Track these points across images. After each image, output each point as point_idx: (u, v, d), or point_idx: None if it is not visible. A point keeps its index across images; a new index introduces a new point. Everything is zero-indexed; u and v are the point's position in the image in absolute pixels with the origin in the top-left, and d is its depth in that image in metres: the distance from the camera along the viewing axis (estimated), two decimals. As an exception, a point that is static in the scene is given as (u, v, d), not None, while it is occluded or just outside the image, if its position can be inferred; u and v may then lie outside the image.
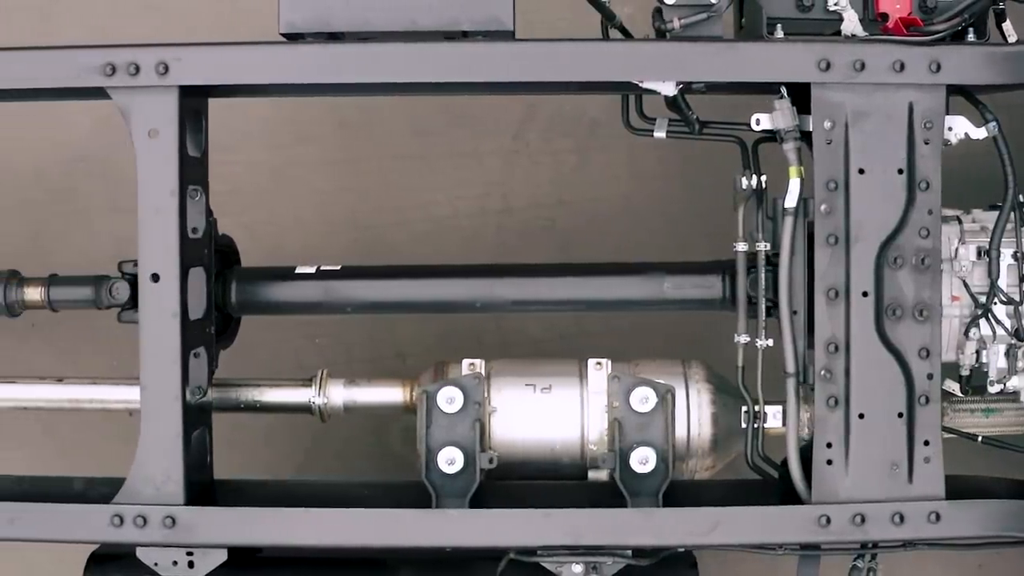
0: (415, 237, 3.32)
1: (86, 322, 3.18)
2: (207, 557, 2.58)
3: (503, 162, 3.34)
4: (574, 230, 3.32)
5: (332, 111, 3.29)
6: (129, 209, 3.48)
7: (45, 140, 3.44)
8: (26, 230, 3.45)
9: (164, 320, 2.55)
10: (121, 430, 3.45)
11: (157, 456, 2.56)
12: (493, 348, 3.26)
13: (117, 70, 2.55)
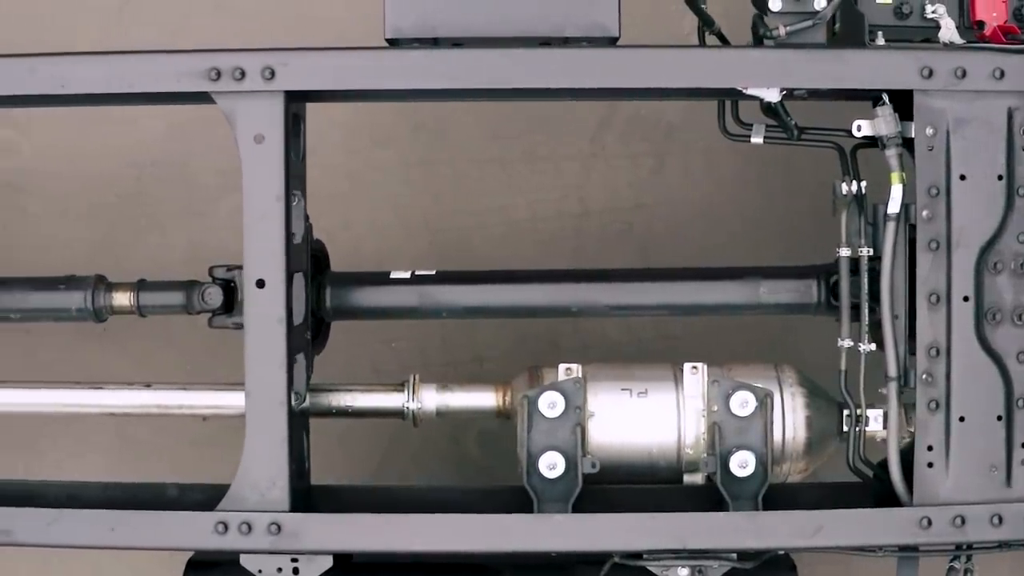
0: (492, 241, 3.33)
1: (157, 327, 3.20)
2: (312, 564, 2.57)
3: (580, 166, 3.35)
4: (651, 234, 3.33)
5: (408, 115, 3.29)
6: (201, 213, 3.52)
7: (117, 145, 3.42)
8: (98, 235, 3.45)
9: (270, 326, 2.55)
10: (195, 434, 3.49)
11: (262, 463, 2.56)
12: (571, 352, 3.27)
13: (222, 75, 2.55)
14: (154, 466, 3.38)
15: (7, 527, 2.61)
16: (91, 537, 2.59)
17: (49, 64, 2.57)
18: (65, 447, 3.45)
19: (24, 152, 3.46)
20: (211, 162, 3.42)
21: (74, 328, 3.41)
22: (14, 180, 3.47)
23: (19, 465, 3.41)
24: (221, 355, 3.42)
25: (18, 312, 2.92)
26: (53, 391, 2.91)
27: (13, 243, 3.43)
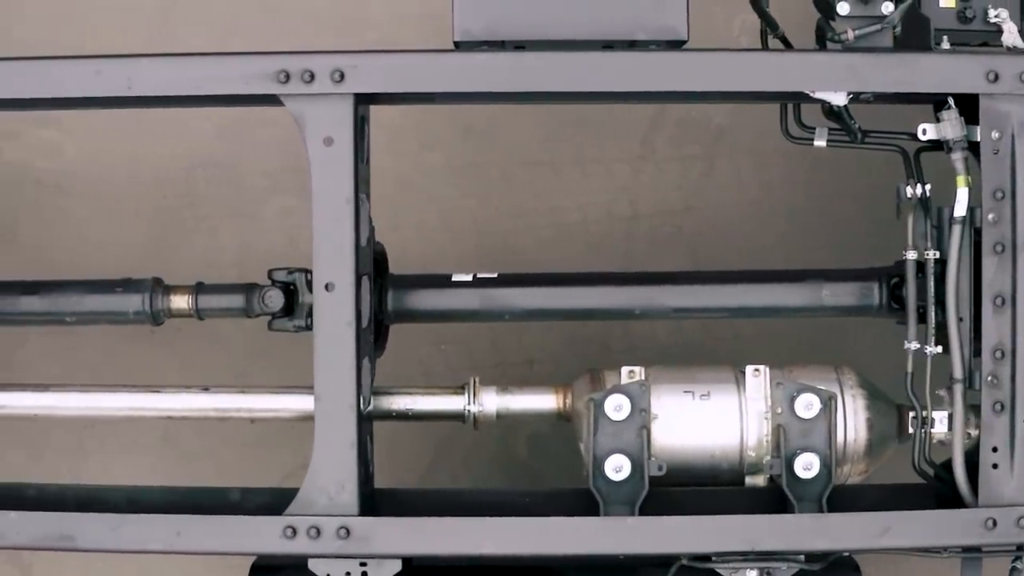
0: (542, 243, 3.32)
1: (204, 328, 3.18)
2: (381, 568, 2.56)
3: (630, 168, 3.35)
4: (701, 236, 3.33)
5: (457, 117, 3.28)
6: (250, 215, 3.50)
7: (165, 146, 3.41)
8: (145, 237, 3.42)
9: (339, 329, 2.54)
10: (242, 437, 3.47)
11: (331, 466, 2.55)
12: (622, 354, 3.28)
13: (291, 77, 2.53)
14: (201, 469, 3.37)
15: (69, 533, 2.59)
16: (157, 542, 2.57)
17: (116, 66, 2.55)
18: (111, 450, 3.42)
19: (69, 154, 3.44)
20: (260, 163, 3.41)
21: (118, 329, 3.42)
22: (59, 182, 3.45)
23: (64, 468, 3.40)
24: (270, 357, 3.45)
25: (73, 315, 2.90)
26: (110, 395, 2.89)
27: (59, 245, 3.40)
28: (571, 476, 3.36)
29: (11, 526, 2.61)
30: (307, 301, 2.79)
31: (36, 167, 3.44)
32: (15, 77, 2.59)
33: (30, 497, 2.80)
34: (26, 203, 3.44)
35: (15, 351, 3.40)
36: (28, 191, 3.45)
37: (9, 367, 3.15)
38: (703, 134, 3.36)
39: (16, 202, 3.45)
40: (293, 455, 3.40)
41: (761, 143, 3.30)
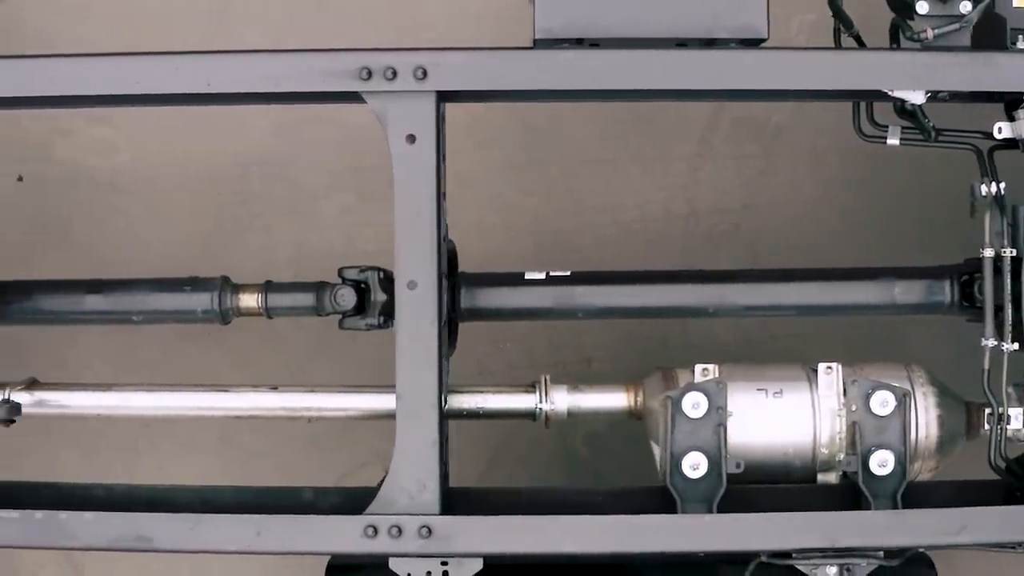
0: (600, 241, 3.33)
1: (261, 327, 3.17)
2: (462, 567, 2.56)
3: (688, 166, 3.36)
4: (758, 235, 3.34)
5: (516, 115, 3.28)
6: (306, 213, 3.49)
7: (221, 144, 3.40)
8: (200, 235, 3.41)
9: (422, 328, 2.53)
10: (299, 437, 3.45)
11: (412, 465, 2.54)
12: (680, 352, 3.29)
13: (373, 74, 2.53)
14: (257, 469, 3.36)
15: (146, 534, 2.58)
16: (235, 542, 2.56)
17: (195, 62, 2.54)
18: (166, 450, 3.42)
19: (123, 152, 3.43)
20: (316, 161, 3.41)
21: (172, 328, 3.40)
22: (113, 180, 3.44)
23: (117, 468, 3.38)
24: (328, 356, 3.45)
25: (140, 314, 2.89)
26: (177, 394, 2.87)
27: (112, 244, 3.39)
28: (630, 475, 3.39)
29: (86, 527, 2.60)
30: (379, 299, 2.79)
31: (90, 165, 3.43)
32: (94, 74, 2.57)
33: (99, 497, 2.78)
34: (79, 202, 3.43)
35: (68, 351, 3.39)
36: (81, 190, 3.44)
37: (63, 367, 3.12)
38: (761, 133, 3.37)
39: (69, 201, 3.43)
40: (350, 456, 3.43)
41: (818, 142, 3.32)
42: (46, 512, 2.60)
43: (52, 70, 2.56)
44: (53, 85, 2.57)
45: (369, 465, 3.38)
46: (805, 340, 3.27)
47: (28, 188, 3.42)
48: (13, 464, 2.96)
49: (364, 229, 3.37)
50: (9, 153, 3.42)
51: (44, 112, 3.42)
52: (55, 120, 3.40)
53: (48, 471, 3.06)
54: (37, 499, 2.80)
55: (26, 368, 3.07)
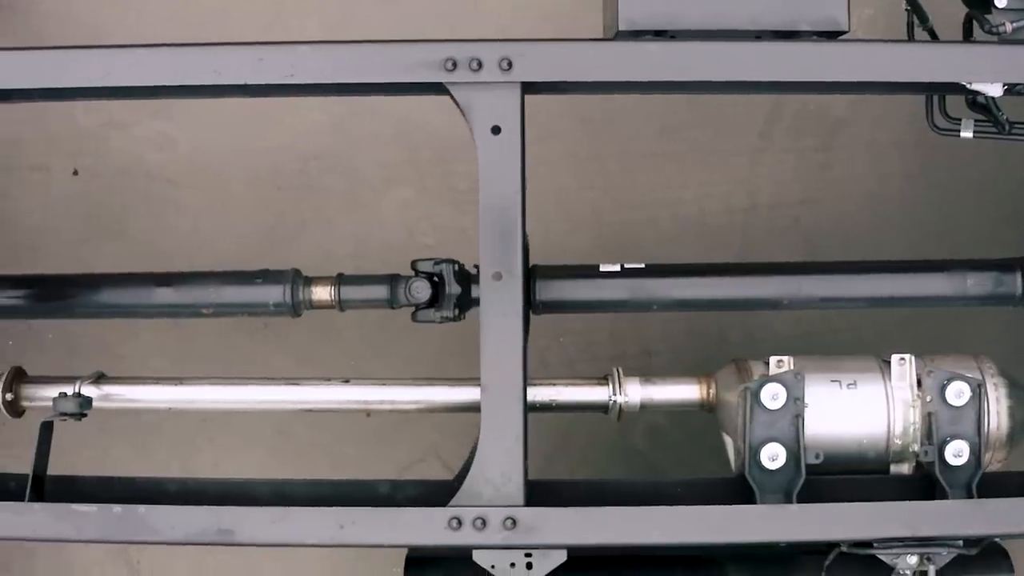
0: (661, 235, 3.33)
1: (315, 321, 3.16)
2: (546, 558, 2.54)
3: (748, 160, 3.36)
4: (818, 228, 3.34)
5: (575, 108, 3.28)
6: (366, 206, 3.47)
7: (279, 138, 3.38)
8: (259, 229, 3.40)
9: (508, 319, 2.52)
10: (357, 431, 3.42)
11: (497, 457, 2.53)
12: (739, 346, 3.29)
13: (458, 65, 2.52)
14: (314, 464, 3.33)
15: (228, 527, 2.54)
16: (319, 535, 2.54)
17: (278, 53, 2.52)
18: (223, 444, 3.39)
19: (182, 146, 3.41)
20: (376, 155, 3.39)
21: (230, 322, 3.38)
22: (172, 175, 3.41)
23: (174, 463, 3.35)
24: (384, 351, 3.44)
25: (211, 306, 2.87)
26: (249, 387, 2.85)
27: (169, 238, 3.37)
28: (689, 467, 3.41)
29: (166, 521, 2.57)
30: (454, 292, 2.79)
31: (147, 159, 3.41)
32: (176, 64, 2.54)
33: (172, 492, 2.75)
34: (136, 196, 3.40)
35: (126, 344, 3.36)
36: (138, 183, 3.41)
37: (120, 361, 3.09)
38: (821, 126, 3.38)
39: (125, 195, 3.41)
40: (407, 451, 3.42)
41: (878, 135, 3.33)
42: (125, 506, 2.58)
43: (138, 60, 2.53)
44: (137, 76, 2.54)
45: (426, 460, 3.38)
46: (862, 334, 3.29)
47: (84, 182, 3.40)
48: (66, 462, 2.93)
49: (423, 223, 3.36)
50: (64, 147, 3.40)
51: (99, 106, 3.42)
52: (110, 114, 3.38)
53: (100, 469, 3.03)
54: (108, 493, 2.78)
55: (80, 366, 3.08)
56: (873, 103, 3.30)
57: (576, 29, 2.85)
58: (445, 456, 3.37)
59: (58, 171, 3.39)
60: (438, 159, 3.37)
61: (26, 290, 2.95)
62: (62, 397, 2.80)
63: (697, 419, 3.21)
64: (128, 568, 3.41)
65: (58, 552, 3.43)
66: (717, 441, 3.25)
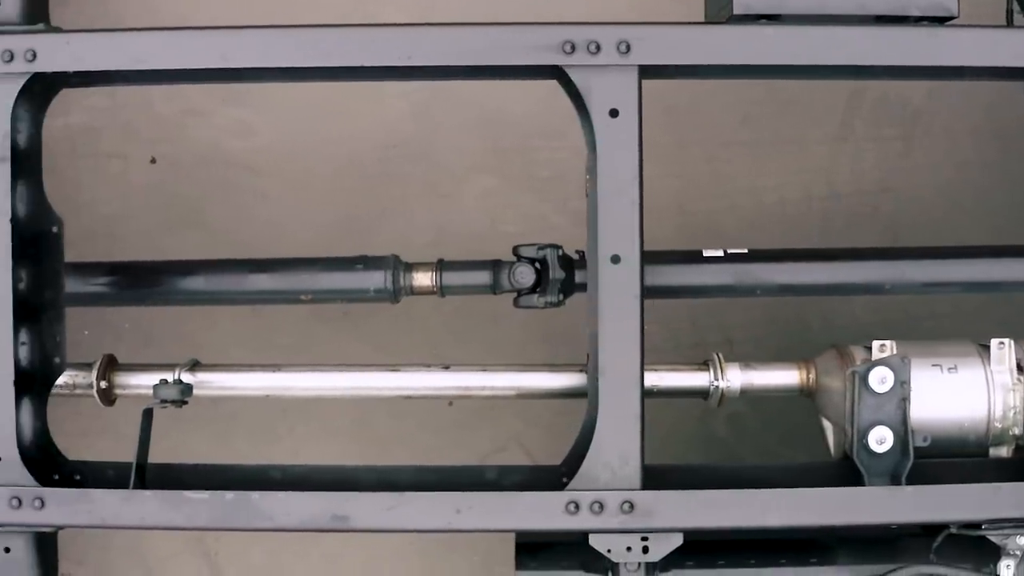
0: (742, 223, 3.32)
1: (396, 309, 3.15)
2: (662, 542, 2.55)
3: (828, 149, 3.37)
4: (898, 217, 3.35)
5: (657, 96, 3.26)
6: (447, 195, 3.46)
7: (359, 126, 3.35)
8: (338, 217, 3.37)
9: (626, 302, 2.53)
10: (438, 420, 3.40)
11: (614, 441, 2.53)
12: (821, 333, 3.29)
13: (576, 48, 2.52)
14: (394, 453, 3.30)
15: (343, 513, 2.54)
16: (435, 521, 2.54)
17: (395, 35, 2.52)
18: (302, 434, 3.36)
19: (261, 134, 3.37)
20: (457, 143, 3.37)
21: (309, 310, 3.38)
22: (251, 162, 3.37)
23: (251, 454, 3.30)
24: (465, 338, 3.42)
25: (309, 293, 2.86)
26: (348, 374, 2.84)
27: (250, 226, 3.33)
28: (769, 455, 3.41)
29: (280, 507, 2.56)
30: (558, 277, 2.79)
31: (225, 147, 3.37)
32: (290, 47, 2.53)
33: (277, 479, 2.72)
34: (214, 184, 3.36)
35: (204, 334, 3.32)
36: (216, 171, 3.38)
37: (199, 351, 3.05)
38: (900, 115, 3.39)
39: (204, 183, 3.37)
40: (489, 439, 3.40)
41: (956, 124, 3.34)
42: (237, 493, 2.56)
43: (251, 42, 2.52)
44: (251, 57, 2.53)
45: (508, 449, 3.36)
46: (942, 321, 3.30)
47: (161, 170, 3.36)
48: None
49: (506, 211, 3.35)
50: (142, 135, 3.35)
51: (177, 94, 3.38)
52: (188, 101, 3.34)
53: (178, 459, 3.00)
54: (209, 481, 2.75)
55: (156, 355, 3.05)
56: (951, 93, 3.32)
57: (659, 12, 2.88)
58: (527, 445, 3.36)
59: (136, 159, 3.35)
60: (520, 147, 3.36)
61: (118, 277, 2.92)
62: (163, 384, 2.78)
63: (774, 406, 3.25)
64: (206, 560, 3.38)
65: (134, 544, 3.39)
66: (795, 428, 3.29)
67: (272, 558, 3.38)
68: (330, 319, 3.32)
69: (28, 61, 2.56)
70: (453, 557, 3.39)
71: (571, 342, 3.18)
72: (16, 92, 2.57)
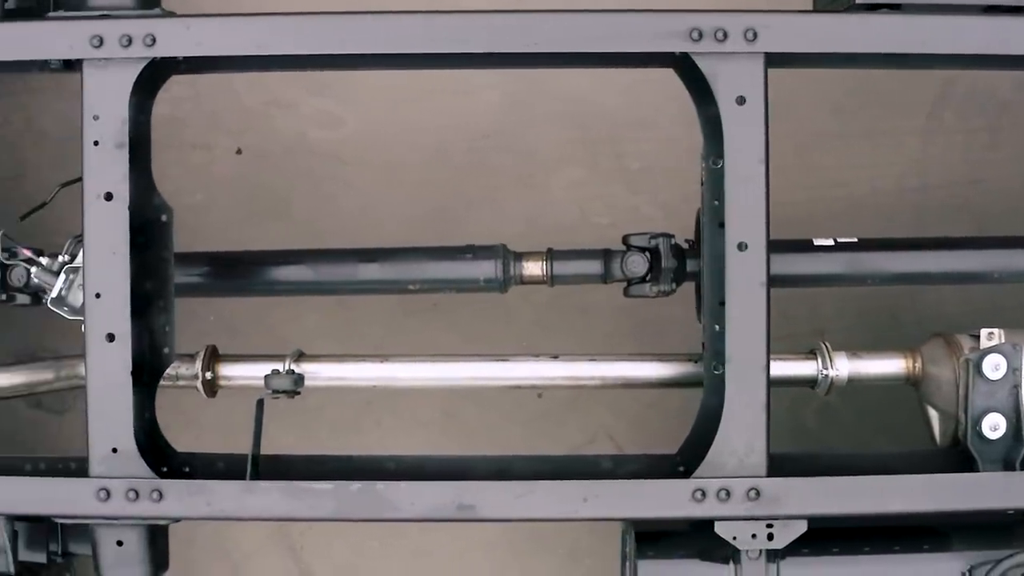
0: (833, 214, 3.33)
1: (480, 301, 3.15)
2: (787, 529, 2.53)
3: (919, 140, 3.37)
4: (987, 209, 3.35)
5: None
6: (537, 186, 3.44)
7: (449, 117, 3.34)
8: (426, 208, 3.35)
9: (752, 290, 2.51)
10: (525, 412, 3.40)
11: (741, 428, 2.52)
12: (910, 325, 3.29)
13: (704, 36, 2.50)
14: (481, 444, 3.28)
15: (470, 503, 2.52)
16: (562, 509, 2.52)
17: (517, 20, 2.50)
18: (389, 426, 3.35)
19: (348, 124, 3.35)
20: (546, 134, 3.36)
21: (396, 302, 3.36)
22: (339, 152, 3.35)
23: (337, 446, 3.25)
24: (555, 330, 3.41)
25: (418, 282, 2.84)
26: (456, 364, 2.82)
27: (338, 217, 3.31)
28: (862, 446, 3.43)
29: (406, 498, 2.53)
30: (670, 266, 2.78)
31: (312, 137, 3.35)
32: (413, 32, 2.50)
33: (391, 470, 2.70)
34: (301, 174, 3.34)
35: (289, 326, 3.30)
36: (303, 162, 3.35)
37: (284, 343, 3.03)
38: (989, 107, 3.40)
39: (291, 173, 3.35)
40: (578, 430, 3.38)
41: (1044, 117, 3.41)
42: (363, 483, 2.54)
43: (373, 26, 2.48)
44: (375, 43, 2.50)
45: (596, 440, 3.35)
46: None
47: (247, 161, 3.33)
48: (227, 443, 2.87)
49: (595, 202, 3.34)
50: (227, 126, 3.33)
51: (262, 84, 3.37)
52: (274, 92, 3.32)
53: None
54: (322, 471, 2.71)
55: (242, 347, 3.01)
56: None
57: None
58: (616, 436, 3.35)
59: (221, 150, 3.33)
60: (610, 138, 3.35)
61: (221, 267, 2.89)
62: (275, 374, 2.76)
63: (867, 396, 3.25)
64: (291, 553, 3.35)
65: (217, 539, 3.37)
66: (887, 418, 3.30)
67: (355, 550, 3.35)
68: (418, 311, 3.31)
69: (147, 46, 2.53)
70: (541, 550, 3.37)
71: (660, 334, 3.22)
72: (134, 78, 2.53)
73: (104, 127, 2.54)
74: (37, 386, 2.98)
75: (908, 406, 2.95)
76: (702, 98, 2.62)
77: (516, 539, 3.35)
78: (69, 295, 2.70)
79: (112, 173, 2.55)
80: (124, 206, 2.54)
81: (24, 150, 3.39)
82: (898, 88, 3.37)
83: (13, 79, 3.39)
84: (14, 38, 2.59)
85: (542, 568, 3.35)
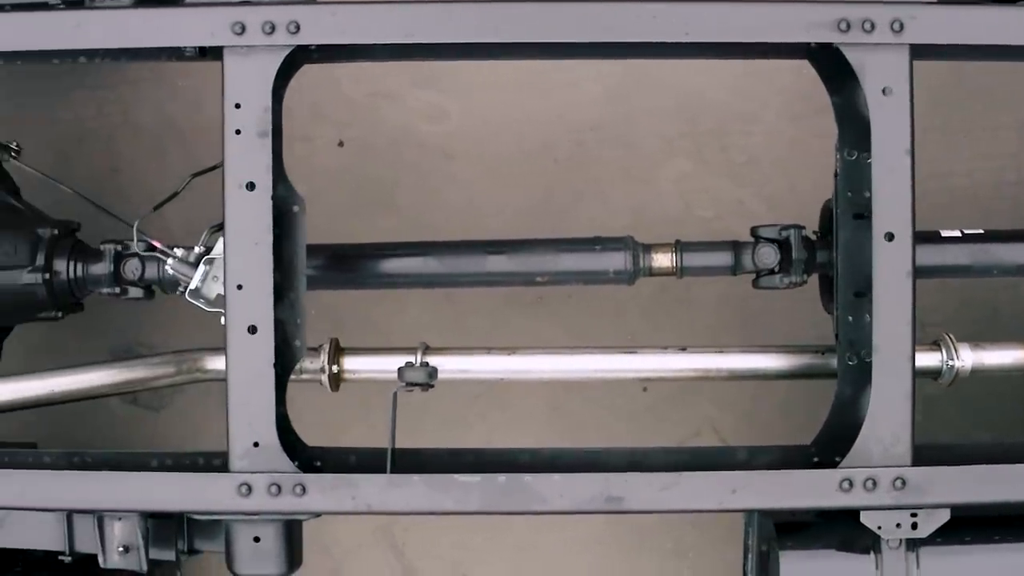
0: (934, 208, 3.28)
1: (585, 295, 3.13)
2: (931, 518, 2.54)
3: (1017, 135, 3.38)
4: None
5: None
6: (643, 179, 3.43)
7: (555, 110, 3.33)
8: (532, 201, 3.34)
9: (899, 280, 2.49)
10: (630, 406, 3.39)
11: (887, 418, 2.51)
12: (1009, 318, 3.30)
13: (852, 26, 2.50)
14: (587, 439, 3.27)
15: (617, 495, 2.50)
16: (710, 501, 2.51)
17: (673, 11, 2.48)
18: (495, 420, 3.33)
19: (453, 117, 3.33)
20: (653, 127, 3.35)
21: (502, 295, 3.33)
22: (444, 145, 3.33)
23: (444, 441, 3.20)
24: (661, 324, 3.40)
25: (545, 275, 2.82)
26: (584, 357, 2.82)
27: (443, 210, 3.29)
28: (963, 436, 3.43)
29: (554, 490, 2.51)
30: (801, 257, 2.77)
31: (418, 130, 3.33)
32: (561, 20, 2.47)
33: (526, 463, 2.67)
34: (406, 167, 3.32)
35: (393, 320, 3.28)
36: (408, 154, 3.33)
37: (388, 337, 3.00)
38: (1085, 102, 3.49)
39: (395, 166, 3.32)
40: (683, 424, 3.37)
41: None
42: (510, 476, 2.52)
43: (519, 14, 2.45)
44: (521, 31, 2.47)
45: (702, 434, 3.35)
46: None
47: (351, 153, 3.31)
48: (330, 438, 2.82)
49: (701, 195, 3.34)
50: (329, 117, 3.30)
51: (366, 75, 3.33)
52: (377, 84, 3.29)
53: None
54: (458, 464, 2.68)
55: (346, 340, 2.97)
56: None
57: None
58: (721, 430, 3.35)
59: (322, 142, 3.30)
60: (716, 131, 3.35)
61: (344, 260, 2.84)
62: (409, 367, 2.72)
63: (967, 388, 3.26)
64: (393, 550, 3.33)
65: (316, 535, 3.27)
66: (985, 410, 3.32)
67: (460, 546, 3.33)
68: (524, 304, 3.29)
69: (291, 33, 2.49)
70: (646, 544, 3.36)
71: (765, 326, 3.22)
72: (277, 65, 2.49)
73: (246, 116, 2.50)
74: (152, 381, 2.95)
75: (1006, 397, 2.97)
76: (842, 89, 2.63)
77: (620, 533, 3.34)
78: (203, 287, 2.69)
79: (254, 162, 2.51)
80: (267, 196, 2.51)
81: (119, 142, 3.35)
82: (997, 84, 3.38)
83: (112, 70, 3.37)
84: (150, 24, 2.54)
85: (648, 564, 3.34)
